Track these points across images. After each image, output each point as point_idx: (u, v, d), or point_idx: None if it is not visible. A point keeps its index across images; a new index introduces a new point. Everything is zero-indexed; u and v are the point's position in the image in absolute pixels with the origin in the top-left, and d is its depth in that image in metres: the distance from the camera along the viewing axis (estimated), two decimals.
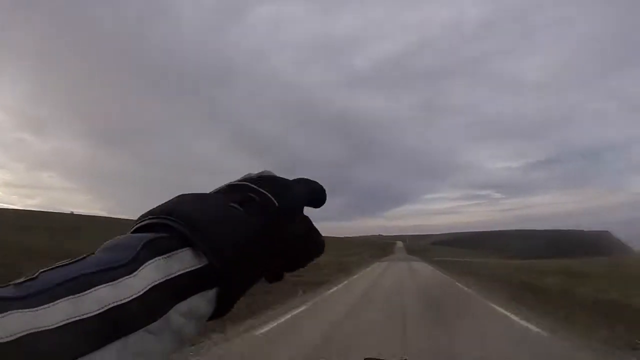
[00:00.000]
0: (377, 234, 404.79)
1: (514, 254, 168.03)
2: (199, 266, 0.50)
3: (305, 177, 0.65)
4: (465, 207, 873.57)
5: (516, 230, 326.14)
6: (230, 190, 0.59)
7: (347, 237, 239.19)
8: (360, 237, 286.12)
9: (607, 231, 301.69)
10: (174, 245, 0.50)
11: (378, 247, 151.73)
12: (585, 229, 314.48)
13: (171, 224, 0.52)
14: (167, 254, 0.49)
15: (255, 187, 0.58)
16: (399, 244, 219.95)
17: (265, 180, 0.60)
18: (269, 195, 0.57)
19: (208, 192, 0.59)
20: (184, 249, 0.51)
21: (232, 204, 0.56)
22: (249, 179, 0.60)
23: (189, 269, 0.50)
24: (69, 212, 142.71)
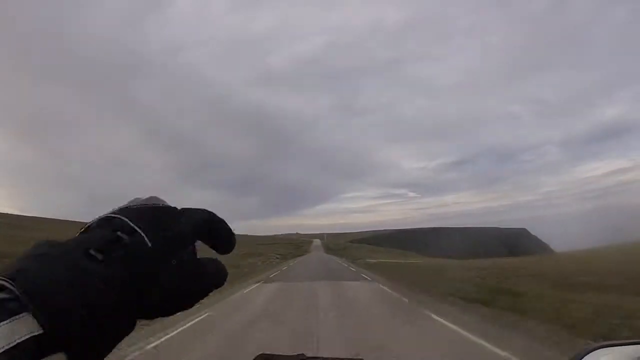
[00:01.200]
0: (295, 232, 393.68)
1: (436, 252, 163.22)
2: (41, 332, 0.48)
3: (194, 208, 0.54)
4: (382, 206, 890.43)
5: (433, 228, 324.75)
6: (100, 226, 0.52)
7: (259, 235, 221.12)
8: (275, 235, 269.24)
9: (524, 228, 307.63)
10: (18, 309, 0.48)
11: (293, 245, 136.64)
12: (502, 227, 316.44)
13: (10, 287, 0.49)
14: (10, 319, 0.47)
15: (129, 222, 0.52)
16: (317, 241, 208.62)
17: (145, 212, 0.52)
18: (143, 234, 0.52)
19: (69, 239, 0.52)
20: (26, 314, 0.48)
21: (91, 252, 0.51)
22: (127, 209, 0.52)
23: (33, 335, 0.48)
24: None
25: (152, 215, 0.51)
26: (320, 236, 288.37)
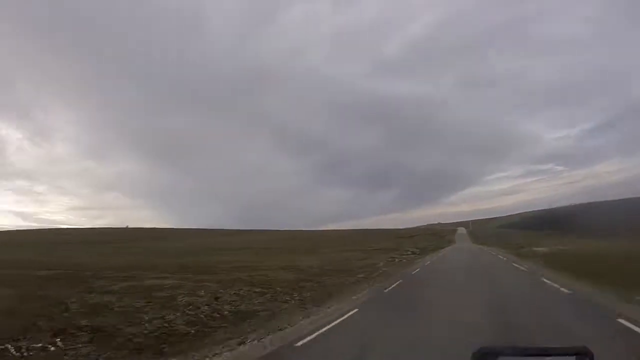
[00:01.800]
0: (437, 222, 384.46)
1: (600, 232, 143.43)
2: None
3: None
4: (528, 185, 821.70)
5: (590, 203, 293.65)
6: None
7: (400, 228, 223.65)
8: (417, 227, 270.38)
9: None
10: None
11: (435, 236, 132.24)
12: None
13: None
14: None
15: None
16: (461, 230, 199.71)
17: None
18: None
19: None
20: None
21: None
22: None
23: None
24: (125, 227, 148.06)
25: None
26: (464, 224, 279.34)
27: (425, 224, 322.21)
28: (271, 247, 60.20)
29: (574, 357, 1.52)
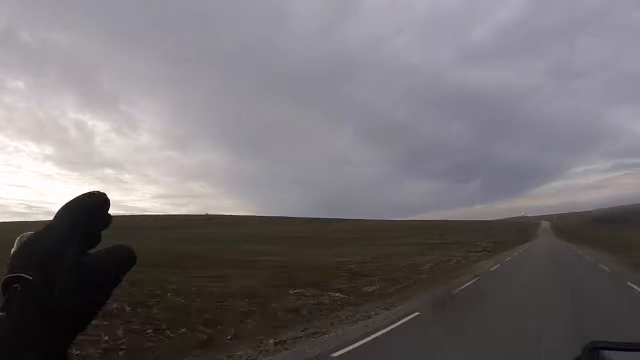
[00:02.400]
0: (521, 214, 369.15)
1: None
2: None
3: (113, 245, 0.64)
4: (616, 179, 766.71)
5: None
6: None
7: (481, 220, 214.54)
8: (501, 219, 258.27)
9: None
10: None
11: (515, 229, 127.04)
12: None
13: None
14: None
15: (21, 273, 0.56)
16: (544, 224, 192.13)
17: (35, 255, 0.58)
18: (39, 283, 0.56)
19: None
20: None
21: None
22: (22, 255, 0.58)
23: None
24: (204, 214, 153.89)
25: (43, 259, 0.57)
26: (548, 217, 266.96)
27: (510, 217, 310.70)
28: (326, 237, 56.53)
29: None
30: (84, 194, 0.63)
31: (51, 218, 0.60)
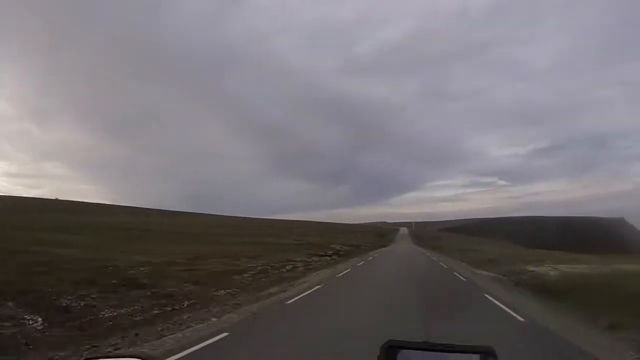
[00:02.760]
0: (382, 220, 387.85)
1: (531, 242, 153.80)
2: None
3: None
4: (471, 195, 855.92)
5: (525, 217, 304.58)
6: None
7: (345, 223, 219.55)
8: (361, 224, 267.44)
9: (621, 218, 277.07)
10: None
11: (374, 234, 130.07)
12: (599, 216, 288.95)
13: None
14: None
15: None
16: (403, 230, 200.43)
17: None
18: None
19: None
20: None
21: None
22: None
23: None
24: (54, 198, 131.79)
25: None
26: (407, 224, 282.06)
27: (372, 222, 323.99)
28: (168, 232, 49.58)
29: (478, 355, 1.53)
30: None
31: None
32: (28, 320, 7.50)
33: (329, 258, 31.04)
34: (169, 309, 9.91)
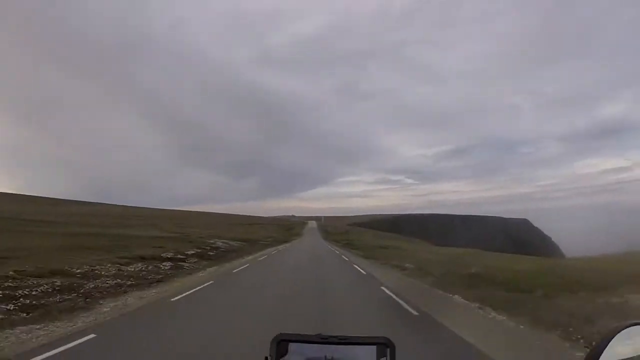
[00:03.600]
0: (290, 214, 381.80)
1: (439, 240, 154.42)
2: None
3: None
4: (379, 191, 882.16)
5: (433, 215, 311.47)
6: None
7: (252, 215, 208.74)
8: (269, 217, 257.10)
9: (526, 219, 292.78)
10: None
11: (282, 227, 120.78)
12: (505, 216, 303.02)
13: None
14: None
15: None
16: (312, 223, 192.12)
17: None
18: None
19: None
20: None
21: None
22: None
23: None
24: None
25: None
26: (317, 219, 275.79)
27: (280, 215, 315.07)
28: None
29: (375, 347, 1.50)
30: None
31: None
32: None
33: (184, 263, 19.01)
34: None
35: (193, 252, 23.79)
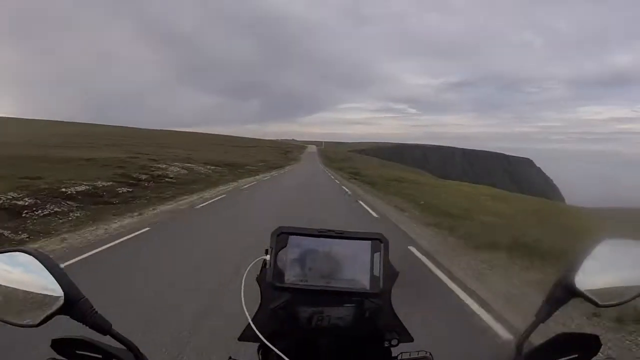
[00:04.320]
0: (291, 138, 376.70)
1: (442, 172, 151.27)
2: None
3: None
4: (381, 119, 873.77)
5: (435, 146, 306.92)
6: None
7: (254, 138, 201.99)
8: (266, 140, 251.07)
9: (529, 159, 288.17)
10: None
11: (279, 150, 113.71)
12: (508, 153, 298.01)
13: None
14: None
15: None
16: (312, 147, 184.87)
17: None
18: None
19: None
20: None
21: None
22: None
23: None
24: None
25: None
26: (317, 143, 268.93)
27: (280, 139, 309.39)
28: None
29: (370, 242, 1.39)
30: None
31: None
32: None
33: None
34: None
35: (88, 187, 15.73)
